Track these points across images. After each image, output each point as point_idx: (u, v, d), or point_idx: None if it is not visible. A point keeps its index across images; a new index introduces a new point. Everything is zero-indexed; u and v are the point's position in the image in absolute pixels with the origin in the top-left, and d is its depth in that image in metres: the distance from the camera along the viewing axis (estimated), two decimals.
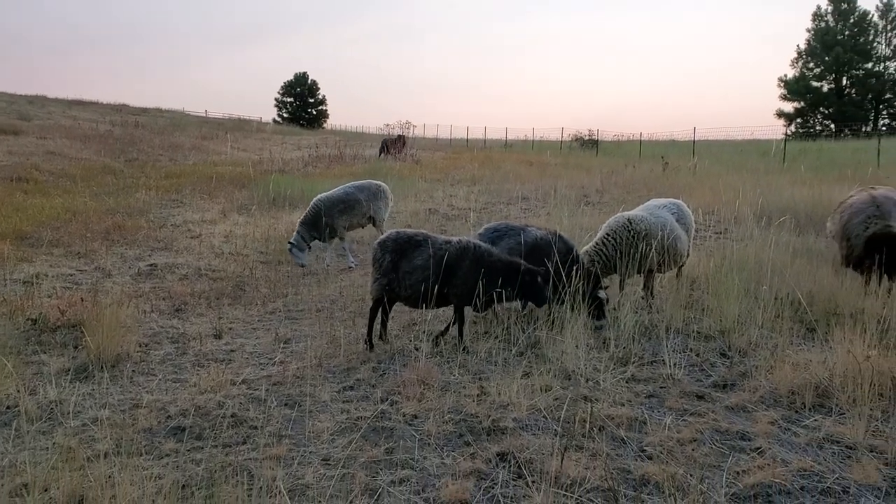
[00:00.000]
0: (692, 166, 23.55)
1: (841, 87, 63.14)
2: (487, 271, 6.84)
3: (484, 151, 40.93)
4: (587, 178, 22.84)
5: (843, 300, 7.43)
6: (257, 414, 5.56)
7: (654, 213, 8.45)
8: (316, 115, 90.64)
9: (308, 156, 32.17)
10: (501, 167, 27.03)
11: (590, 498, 4.21)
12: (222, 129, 49.51)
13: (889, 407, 5.26)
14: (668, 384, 6.02)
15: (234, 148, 39.34)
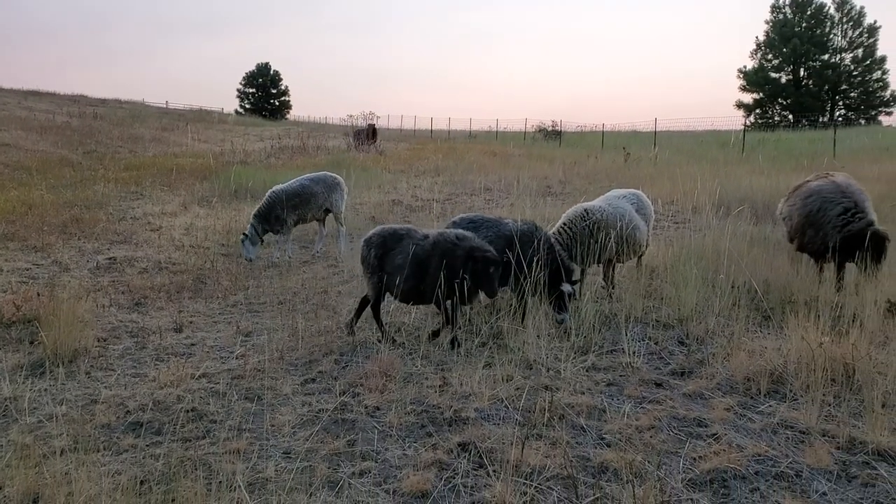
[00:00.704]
0: (653, 157, 23.80)
1: (798, 79, 64.22)
2: (449, 262, 6.62)
3: (448, 142, 40.90)
4: (550, 169, 22.96)
5: (798, 288, 7.59)
6: (218, 408, 5.52)
7: (612, 203, 8.53)
8: (279, 106, 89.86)
9: (271, 147, 31.90)
10: (465, 158, 27.04)
11: (549, 486, 4.26)
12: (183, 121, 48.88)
13: (841, 392, 5.39)
14: (627, 372, 6.11)
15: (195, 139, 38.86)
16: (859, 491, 4.15)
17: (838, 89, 63.18)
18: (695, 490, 4.21)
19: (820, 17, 63.39)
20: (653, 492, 3.96)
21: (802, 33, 62.69)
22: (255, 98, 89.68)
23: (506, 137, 48.01)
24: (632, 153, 25.35)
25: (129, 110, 55.66)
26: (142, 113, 54.10)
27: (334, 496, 4.13)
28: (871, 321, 6.36)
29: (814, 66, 63.39)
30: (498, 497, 4.04)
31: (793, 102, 62.99)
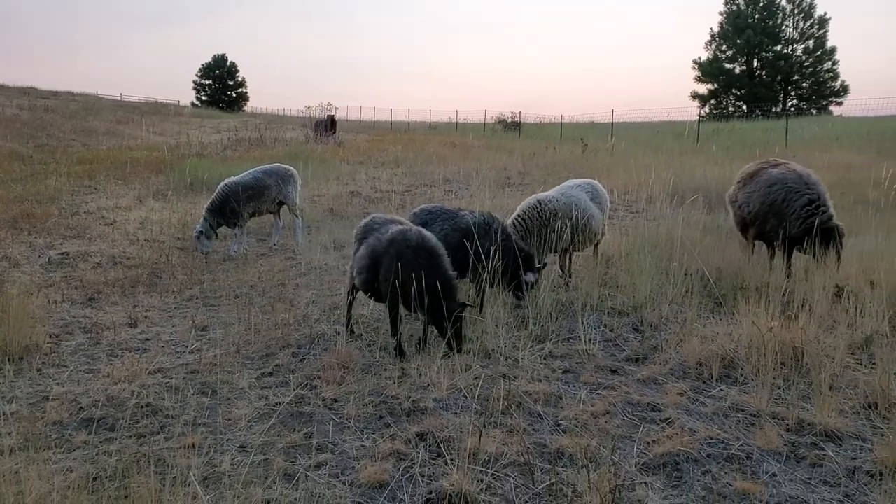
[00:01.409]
0: (610, 148, 24.04)
1: (752, 69, 65.27)
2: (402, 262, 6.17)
3: (408, 134, 40.83)
4: (510, 160, 23.06)
5: (749, 275, 7.74)
6: (173, 403, 5.46)
7: (567, 193, 8.59)
8: (236, 98, 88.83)
9: (227, 139, 31.48)
10: (425, 149, 27.01)
11: (506, 473, 4.30)
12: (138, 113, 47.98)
13: (790, 375, 5.52)
14: (583, 359, 6.18)
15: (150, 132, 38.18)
16: (808, 471, 4.26)
17: (790, 80, 64.36)
18: (648, 473, 4.28)
19: (772, 8, 64.44)
20: (607, 476, 4.01)
21: (755, 24, 63.68)
22: (212, 90, 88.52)
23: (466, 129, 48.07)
24: (589, 144, 25.56)
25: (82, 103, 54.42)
26: (95, 105, 52.94)
27: (291, 489, 4.12)
28: (819, 306, 6.51)
29: (767, 57, 64.46)
30: (455, 485, 4.06)
31: (746, 93, 64.01)
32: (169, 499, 3.80)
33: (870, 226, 9.52)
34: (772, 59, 64.15)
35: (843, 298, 6.60)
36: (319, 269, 9.89)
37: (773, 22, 64.10)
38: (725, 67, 66.21)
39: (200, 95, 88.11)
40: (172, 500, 3.79)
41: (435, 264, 6.13)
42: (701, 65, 67.20)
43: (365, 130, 45.28)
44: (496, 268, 6.91)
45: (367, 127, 52.41)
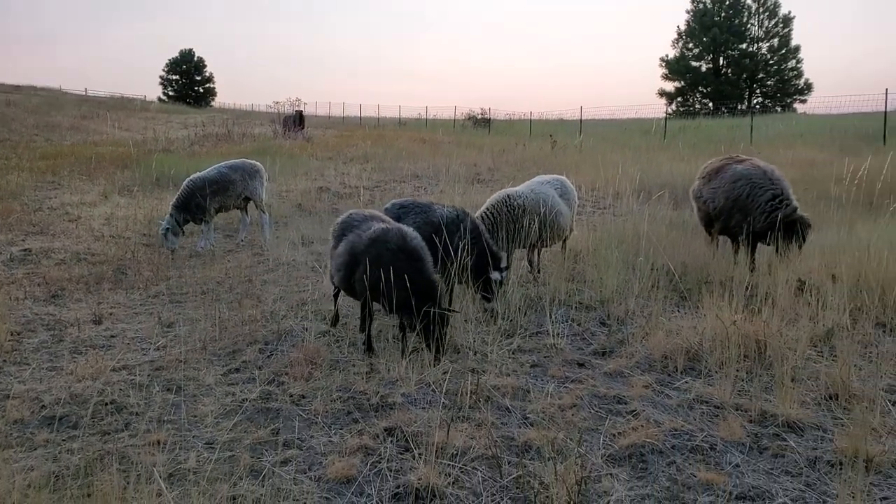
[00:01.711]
0: (579, 144, 24.18)
1: (718, 67, 66.00)
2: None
3: (377, 129, 40.69)
4: (479, 157, 23.10)
5: (713, 269, 7.84)
6: (138, 400, 5.40)
7: (535, 188, 8.62)
8: (203, 93, 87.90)
9: (194, 135, 31.15)
10: (394, 145, 26.97)
11: (474, 466, 4.32)
12: (103, 108, 47.23)
13: (753, 368, 5.60)
14: (551, 353, 6.22)
15: (116, 127, 37.65)
16: (770, 462, 4.34)
17: (756, 78, 65.18)
18: (614, 465, 4.33)
19: (738, 6, 65.18)
20: (574, 468, 4.05)
21: (721, 23, 64.40)
22: (179, 85, 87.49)
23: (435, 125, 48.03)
24: (558, 141, 25.69)
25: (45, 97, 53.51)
26: (59, 100, 52.09)
27: (257, 485, 4.10)
28: (782, 299, 6.62)
29: (732, 55, 65.22)
30: (423, 479, 4.07)
31: (713, 90, 64.71)
32: (133, 496, 3.76)
33: (832, 221, 9.70)
34: (737, 57, 64.91)
35: (806, 292, 6.71)
36: (287, 265, 9.84)
37: (738, 20, 64.86)
38: (692, 65, 66.89)
39: (167, 90, 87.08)
40: (137, 497, 3.75)
41: (417, 267, 5.89)
42: (668, 62, 67.83)
43: (334, 126, 45.07)
44: (465, 264, 6.92)
45: (336, 122, 52.17)
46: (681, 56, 67.32)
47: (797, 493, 3.96)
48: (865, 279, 6.91)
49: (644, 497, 3.97)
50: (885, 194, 10.45)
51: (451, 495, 4.00)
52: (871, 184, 10.92)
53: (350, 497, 4.03)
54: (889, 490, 3.97)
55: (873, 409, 4.75)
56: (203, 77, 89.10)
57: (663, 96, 68.42)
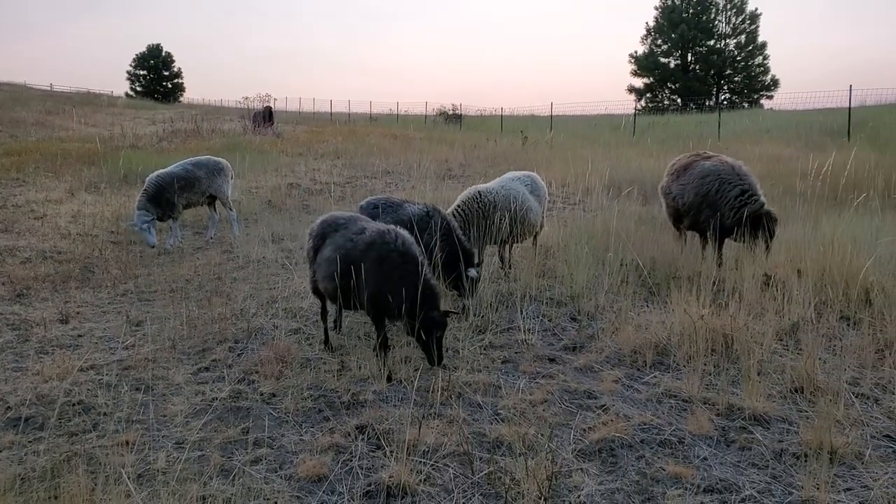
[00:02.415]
0: (549, 140, 24.28)
1: (686, 64, 66.68)
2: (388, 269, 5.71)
3: (348, 125, 40.53)
4: (451, 152, 23.10)
5: (682, 264, 7.92)
6: (106, 400, 5.33)
7: (506, 185, 8.65)
8: (171, 89, 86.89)
9: (163, 131, 30.75)
10: (365, 141, 26.88)
11: (446, 463, 4.33)
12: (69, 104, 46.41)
13: (720, 362, 5.68)
14: (522, 349, 6.25)
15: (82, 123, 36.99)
16: (737, 454, 4.40)
17: (723, 74, 65.97)
18: (585, 460, 4.37)
19: (706, 3, 65.91)
20: (545, 463, 4.08)
21: (689, 19, 65.06)
22: (147, 80, 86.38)
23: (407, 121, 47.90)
24: (529, 137, 25.78)
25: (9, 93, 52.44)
26: (23, 96, 51.11)
27: (228, 484, 4.08)
28: (748, 294, 6.71)
29: (700, 52, 65.94)
30: (394, 476, 4.07)
31: (681, 87, 65.38)
32: (102, 498, 3.73)
33: (797, 216, 9.84)
34: (705, 54, 65.64)
35: (772, 286, 6.81)
36: (257, 262, 9.77)
37: (706, 17, 65.58)
38: (661, 61, 67.52)
39: (135, 86, 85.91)
40: (105, 499, 3.71)
41: (417, 271, 5.59)
42: (637, 59, 68.40)
43: (304, 122, 44.77)
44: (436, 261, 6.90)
45: (306, 118, 51.81)
46: (650, 52, 67.92)
47: (763, 486, 4.03)
48: (830, 273, 7.02)
49: (614, 491, 4.01)
50: (849, 189, 10.64)
51: (422, 493, 4.01)
52: (835, 179, 11.13)
53: (321, 496, 4.02)
54: (852, 481, 4.05)
55: (837, 401, 4.83)
56: (171, 72, 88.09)
57: (632, 92, 69.07)
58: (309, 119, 50.83)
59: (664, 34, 66.64)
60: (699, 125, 29.78)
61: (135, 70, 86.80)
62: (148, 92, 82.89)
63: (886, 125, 20.94)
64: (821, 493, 3.85)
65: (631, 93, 69.20)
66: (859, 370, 5.48)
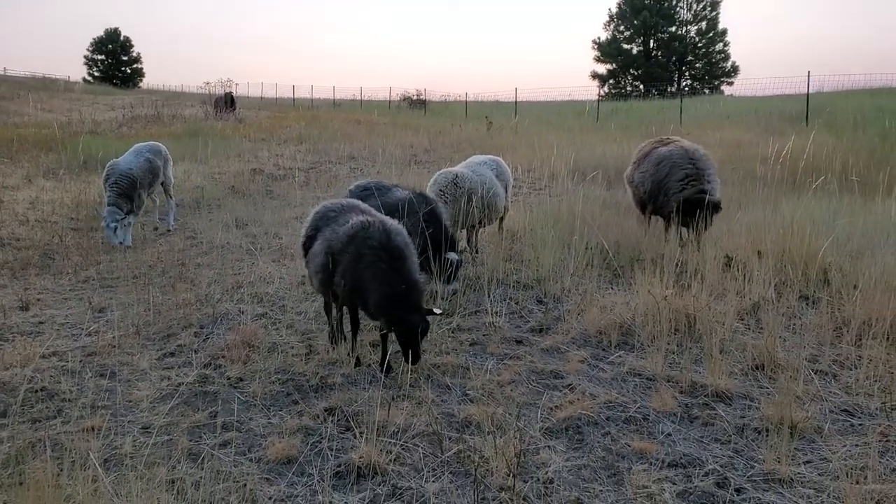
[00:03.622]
0: (514, 126, 24.33)
1: (649, 50, 67.10)
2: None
3: (311, 111, 40.17)
4: (416, 138, 23.04)
5: (645, 247, 8.02)
6: (70, 386, 5.27)
7: (475, 169, 8.66)
8: (131, 74, 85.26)
9: (123, 116, 30.25)
10: (329, 126, 26.68)
11: (415, 443, 4.36)
12: (24, 89, 45.42)
13: (683, 341, 5.79)
14: (490, 332, 6.30)
15: (39, 109, 36.20)
16: (700, 430, 4.50)
17: (685, 60, 66.51)
18: (552, 437, 4.43)
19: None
20: (513, 441, 4.13)
21: (651, 6, 65.39)
22: (105, 65, 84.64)
23: (370, 106, 47.62)
24: (494, 122, 25.80)
25: None
26: None
27: (196, 468, 4.06)
28: (711, 275, 6.82)
29: (662, 38, 66.39)
30: (364, 457, 4.09)
31: (643, 73, 65.79)
32: (68, 483, 3.69)
33: (757, 199, 10.02)
34: (667, 40, 66.10)
35: (733, 268, 6.93)
36: (221, 247, 9.68)
37: (668, 3, 65.96)
38: (623, 48, 67.84)
39: (92, 71, 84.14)
40: (71, 484, 3.67)
41: (398, 266, 5.21)
42: (600, 45, 68.66)
43: (267, 107, 44.26)
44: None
45: (269, 104, 51.23)
46: (612, 39, 68.20)
47: (726, 460, 4.12)
48: (789, 254, 7.16)
49: (581, 467, 4.07)
50: (807, 172, 10.85)
51: (392, 472, 4.04)
52: (794, 163, 11.33)
53: (291, 477, 4.03)
54: (812, 454, 4.16)
55: (797, 377, 4.95)
56: (130, 57, 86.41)
57: (596, 78, 69.31)
58: (271, 104, 50.26)
59: (626, 20, 66.94)
60: (661, 111, 30.03)
61: (92, 55, 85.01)
62: (106, 77, 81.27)
63: (843, 110, 21.33)
64: (782, 466, 3.96)
65: (594, 79, 69.51)
66: (818, 347, 5.62)
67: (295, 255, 9.01)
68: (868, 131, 17.47)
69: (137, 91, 64.08)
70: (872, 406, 4.70)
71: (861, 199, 9.95)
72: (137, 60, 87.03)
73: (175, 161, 16.72)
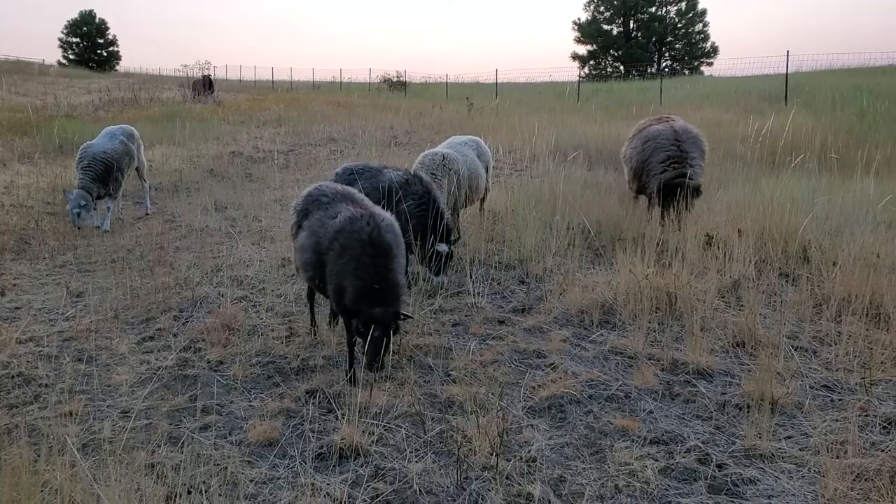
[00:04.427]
0: (495, 107, 24.25)
1: (629, 31, 67.08)
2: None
3: (291, 93, 39.83)
4: (396, 119, 22.90)
5: (626, 226, 8.03)
6: (48, 371, 5.21)
7: (458, 150, 8.59)
8: (107, 57, 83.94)
9: (99, 100, 29.80)
10: (309, 108, 26.46)
11: (398, 424, 4.35)
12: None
13: (664, 319, 5.80)
14: (472, 312, 6.29)
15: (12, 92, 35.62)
16: (681, 407, 4.52)
17: (664, 41, 66.59)
18: (535, 416, 4.43)
19: None
20: (496, 420, 4.13)
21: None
22: (80, 48, 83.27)
23: (350, 88, 47.28)
24: (475, 104, 25.70)
25: None
26: None
27: (176, 451, 4.02)
28: (691, 253, 6.84)
29: (642, 19, 66.39)
30: (347, 438, 4.07)
31: (623, 54, 65.81)
32: (46, 468, 3.64)
33: (737, 178, 10.04)
34: (647, 21, 66.10)
35: (713, 246, 6.95)
36: (200, 231, 9.58)
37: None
38: (603, 28, 67.81)
39: (67, 54, 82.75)
40: (49, 469, 3.63)
41: (381, 263, 4.80)
42: (580, 26, 68.55)
43: (245, 90, 43.89)
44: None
45: (247, 86, 50.79)
46: (592, 19, 68.13)
47: (707, 436, 4.14)
48: (769, 232, 7.20)
49: (563, 445, 4.08)
50: (786, 151, 10.91)
51: (375, 453, 4.02)
52: (773, 142, 11.39)
53: (273, 459, 4.00)
54: (792, 429, 4.20)
55: (777, 354, 4.98)
56: (106, 40, 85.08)
57: (576, 59, 69.25)
58: (250, 87, 49.84)
59: (607, 1, 66.85)
60: (641, 92, 30.07)
61: (67, 37, 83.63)
62: (82, 60, 79.97)
63: (822, 90, 21.44)
64: (762, 442, 3.98)
65: (575, 60, 69.46)
66: (798, 324, 5.65)
67: (275, 237, 8.96)
68: (846, 110, 17.58)
69: (114, 74, 63.14)
70: (852, 381, 4.74)
71: (840, 177, 10.02)
72: (114, 43, 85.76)
73: (153, 144, 16.56)
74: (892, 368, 4.89)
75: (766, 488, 3.63)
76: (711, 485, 3.67)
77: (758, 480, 3.69)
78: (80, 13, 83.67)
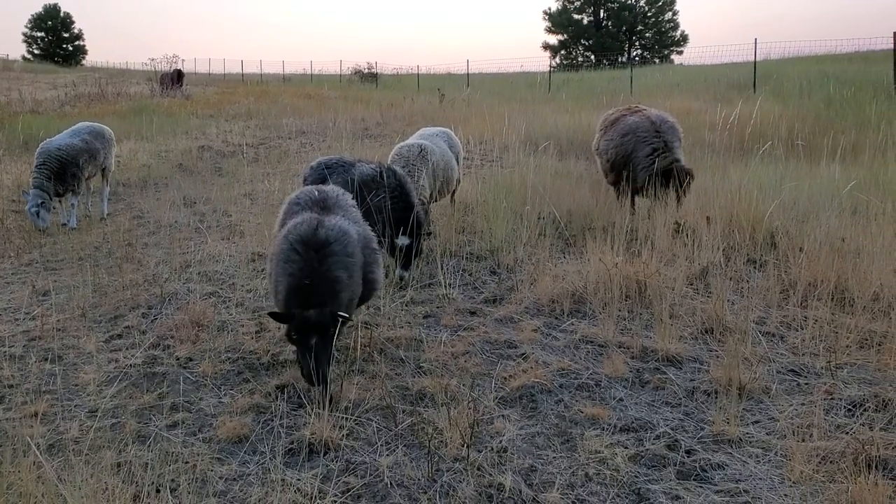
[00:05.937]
0: (466, 98, 24.23)
1: (599, 20, 67.35)
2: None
3: (261, 86, 39.52)
4: (367, 111, 22.83)
5: (596, 216, 8.07)
6: (13, 372, 5.11)
7: (432, 142, 8.55)
8: (73, 52, 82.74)
9: (65, 95, 29.34)
10: (279, 101, 26.29)
11: (368, 417, 4.34)
12: None
13: (634, 307, 5.84)
14: (443, 304, 6.28)
15: None
16: (651, 394, 4.55)
17: (635, 30, 66.98)
18: (506, 406, 4.44)
19: None
20: (467, 412, 4.13)
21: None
22: (45, 43, 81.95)
23: (321, 80, 47.02)
24: (446, 95, 25.67)
25: None
26: None
27: (145, 450, 3.98)
28: (660, 241, 6.90)
29: (612, 8, 66.68)
30: (317, 433, 4.05)
31: (594, 43, 66.06)
32: (10, 470, 3.58)
33: (706, 166, 10.13)
34: (617, 10, 66.40)
35: (682, 234, 7.01)
36: (169, 227, 9.48)
37: None
38: (574, 18, 67.99)
39: (32, 49, 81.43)
40: (14, 471, 3.57)
41: (311, 258, 4.46)
42: (551, 15, 68.70)
43: (214, 83, 43.42)
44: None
45: (217, 80, 50.26)
46: (563, 9, 68.30)
47: (677, 422, 4.18)
48: (737, 219, 7.27)
49: (534, 435, 4.09)
50: (754, 139, 11.02)
51: (345, 447, 4.01)
52: (741, 129, 11.50)
53: (243, 456, 3.98)
54: (760, 414, 4.25)
55: (745, 340, 5.03)
56: (71, 34, 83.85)
57: (547, 49, 69.43)
58: (219, 80, 49.31)
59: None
60: (612, 81, 30.17)
61: (31, 32, 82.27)
62: (47, 55, 78.70)
63: (790, 77, 21.67)
64: (731, 427, 4.03)
65: (546, 50, 69.65)
66: (765, 310, 5.72)
67: (245, 231, 8.88)
68: (813, 97, 17.79)
69: (80, 69, 62.23)
70: (818, 365, 4.81)
71: (806, 163, 10.14)
72: (79, 37, 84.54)
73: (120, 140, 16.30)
74: (857, 352, 4.97)
75: (733, 473, 3.67)
76: (680, 471, 3.70)
77: (726, 465, 3.73)
78: (45, 7, 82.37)
